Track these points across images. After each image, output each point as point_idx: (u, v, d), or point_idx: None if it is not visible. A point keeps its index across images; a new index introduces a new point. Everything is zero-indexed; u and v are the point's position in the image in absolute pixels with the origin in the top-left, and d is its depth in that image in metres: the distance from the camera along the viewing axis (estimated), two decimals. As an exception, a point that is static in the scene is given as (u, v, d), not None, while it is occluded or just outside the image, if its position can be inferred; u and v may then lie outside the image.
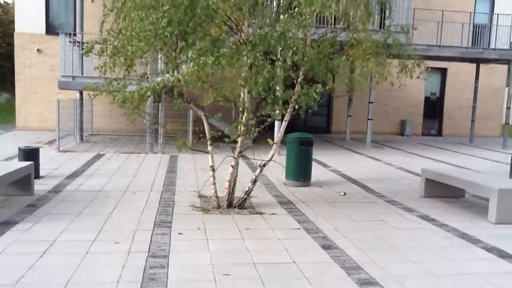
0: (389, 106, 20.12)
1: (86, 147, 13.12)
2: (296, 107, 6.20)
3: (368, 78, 6.28)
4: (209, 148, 6.96)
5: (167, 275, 4.32)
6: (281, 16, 5.88)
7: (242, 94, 6.71)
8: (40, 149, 12.21)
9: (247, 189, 7.13)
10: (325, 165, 11.41)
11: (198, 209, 6.81)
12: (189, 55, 5.50)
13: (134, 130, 13.50)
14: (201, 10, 5.16)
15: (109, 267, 4.49)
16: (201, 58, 5.22)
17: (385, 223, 6.44)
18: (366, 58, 6.25)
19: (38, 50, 16.25)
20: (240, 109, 6.72)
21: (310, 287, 4.19)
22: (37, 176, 8.53)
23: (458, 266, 4.85)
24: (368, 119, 15.65)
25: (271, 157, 7.29)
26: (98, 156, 11.51)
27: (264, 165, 7.27)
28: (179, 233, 5.65)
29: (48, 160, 10.62)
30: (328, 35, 6.43)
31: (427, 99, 20.94)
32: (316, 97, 5.78)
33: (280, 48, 5.43)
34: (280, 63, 5.55)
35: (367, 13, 6.69)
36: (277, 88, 5.30)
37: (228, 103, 5.86)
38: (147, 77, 6.22)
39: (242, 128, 6.32)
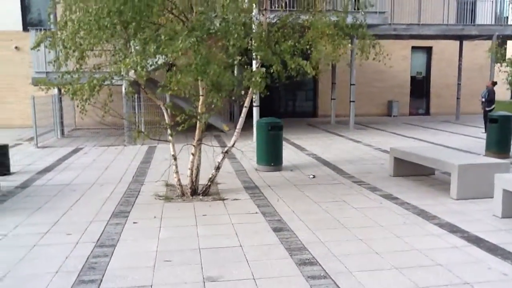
0: (375, 87, 19.99)
1: (65, 142, 13.11)
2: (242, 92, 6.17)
3: (314, 62, 6.18)
4: (170, 137, 6.96)
5: (108, 264, 4.35)
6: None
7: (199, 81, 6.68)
8: (19, 146, 12.32)
9: (210, 176, 7.14)
10: (302, 149, 11.39)
11: (161, 198, 6.83)
12: (134, 44, 5.48)
13: (119, 123, 13.43)
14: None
15: (53, 258, 4.51)
16: (145, 47, 5.20)
17: (346, 204, 6.44)
18: (318, 40, 6.18)
19: (16, 47, 16.19)
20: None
21: (248, 269, 4.21)
22: (7, 172, 8.55)
23: (404, 243, 4.86)
24: (350, 101, 15.60)
25: (233, 143, 7.31)
26: (76, 151, 11.51)
27: (226, 152, 7.28)
28: (134, 222, 5.67)
29: (24, 156, 10.64)
30: (277, 19, 6.37)
31: (413, 78, 20.79)
32: (259, 81, 5.75)
33: (220, 33, 5.39)
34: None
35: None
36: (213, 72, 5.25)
37: (181, 92, 5.83)
38: (99, 68, 6.18)
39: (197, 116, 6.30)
